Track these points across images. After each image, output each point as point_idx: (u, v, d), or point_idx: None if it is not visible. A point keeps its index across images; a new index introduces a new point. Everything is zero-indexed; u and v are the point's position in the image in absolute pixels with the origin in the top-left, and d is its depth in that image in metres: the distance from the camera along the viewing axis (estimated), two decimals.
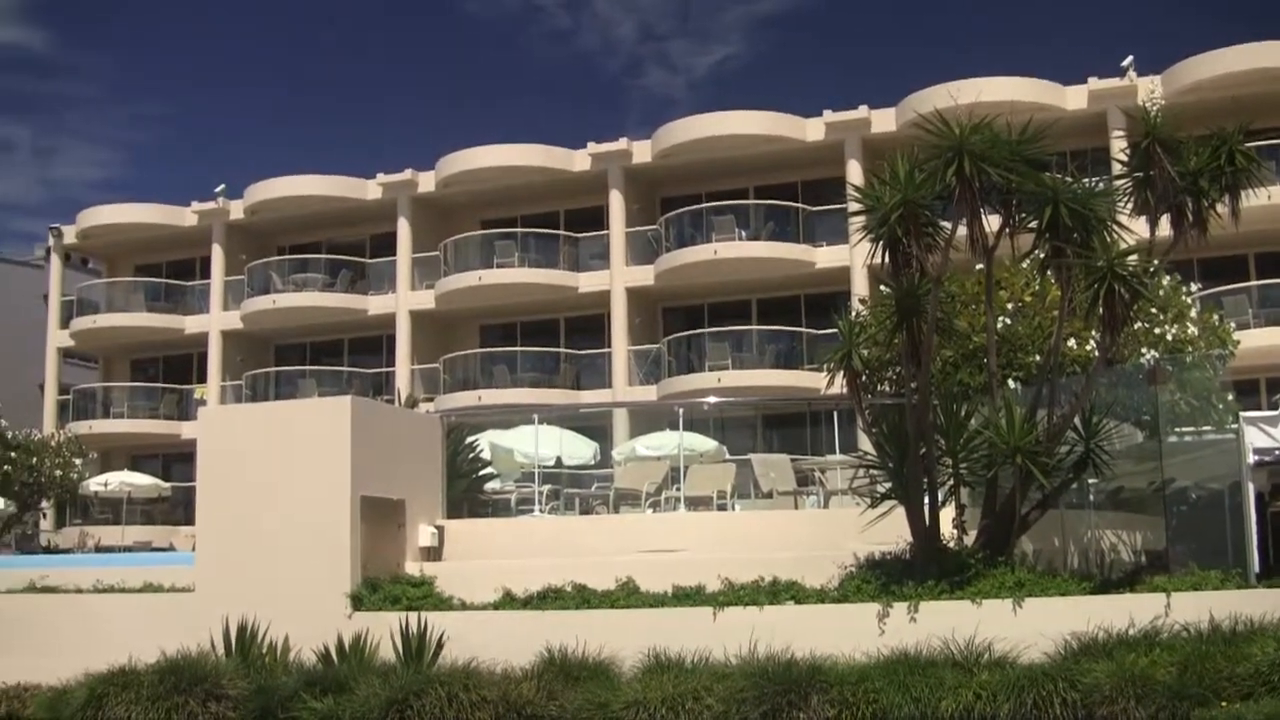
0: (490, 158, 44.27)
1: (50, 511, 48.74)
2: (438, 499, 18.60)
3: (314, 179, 47.61)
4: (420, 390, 43.49)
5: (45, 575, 20.05)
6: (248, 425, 18.60)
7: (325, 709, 13.49)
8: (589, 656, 14.38)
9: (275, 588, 16.30)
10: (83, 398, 51.63)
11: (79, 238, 53.13)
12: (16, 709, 17.12)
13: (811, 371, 38.25)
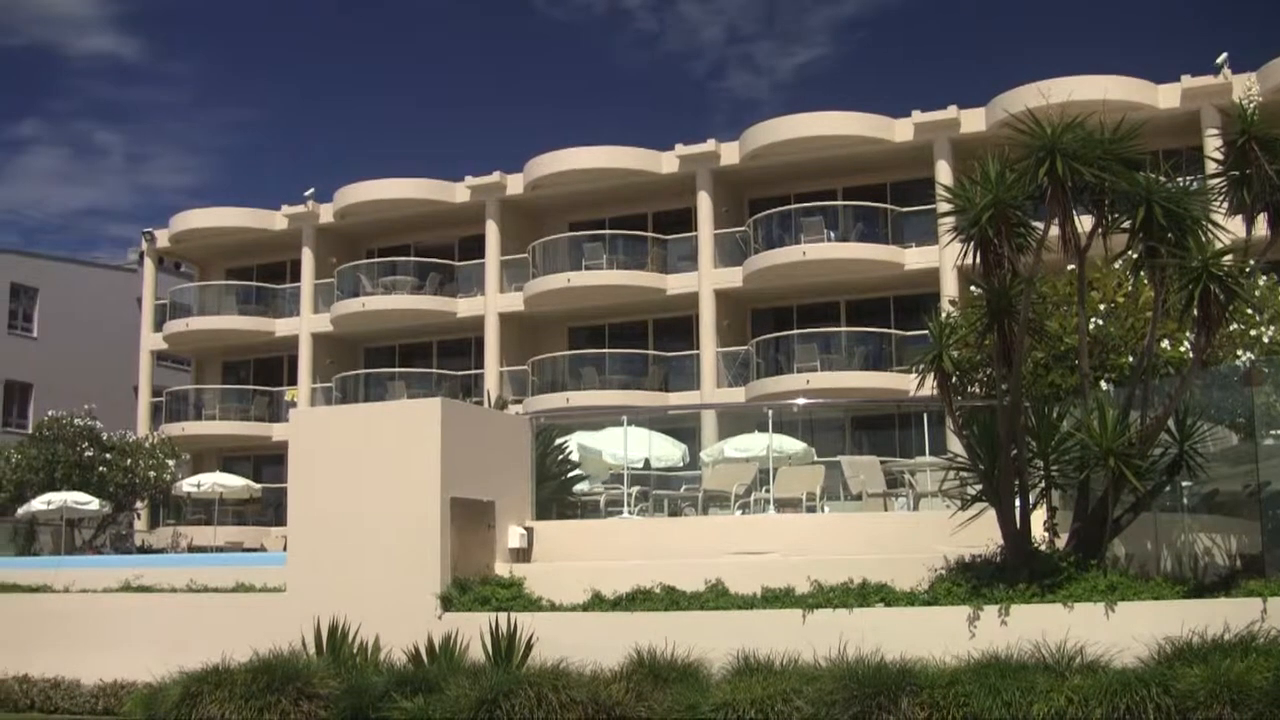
0: (578, 160, 44.37)
1: (144, 512, 49.30)
2: (527, 500, 18.64)
3: (403, 182, 47.91)
4: (509, 392, 43.65)
5: (140, 575, 20.25)
6: (338, 427, 18.71)
7: (415, 709, 13.54)
8: (678, 658, 14.36)
9: (366, 588, 16.40)
10: (175, 400, 52.24)
11: (171, 242, 53.75)
12: (113, 705, 17.36)
13: (900, 373, 38.07)
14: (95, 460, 43.27)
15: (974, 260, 14.52)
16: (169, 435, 48.27)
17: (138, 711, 15.32)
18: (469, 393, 45.07)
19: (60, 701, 18.06)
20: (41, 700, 18.23)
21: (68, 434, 43.67)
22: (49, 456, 42.83)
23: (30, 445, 44.17)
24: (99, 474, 42.99)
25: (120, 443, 44.79)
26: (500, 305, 46.23)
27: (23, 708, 18.24)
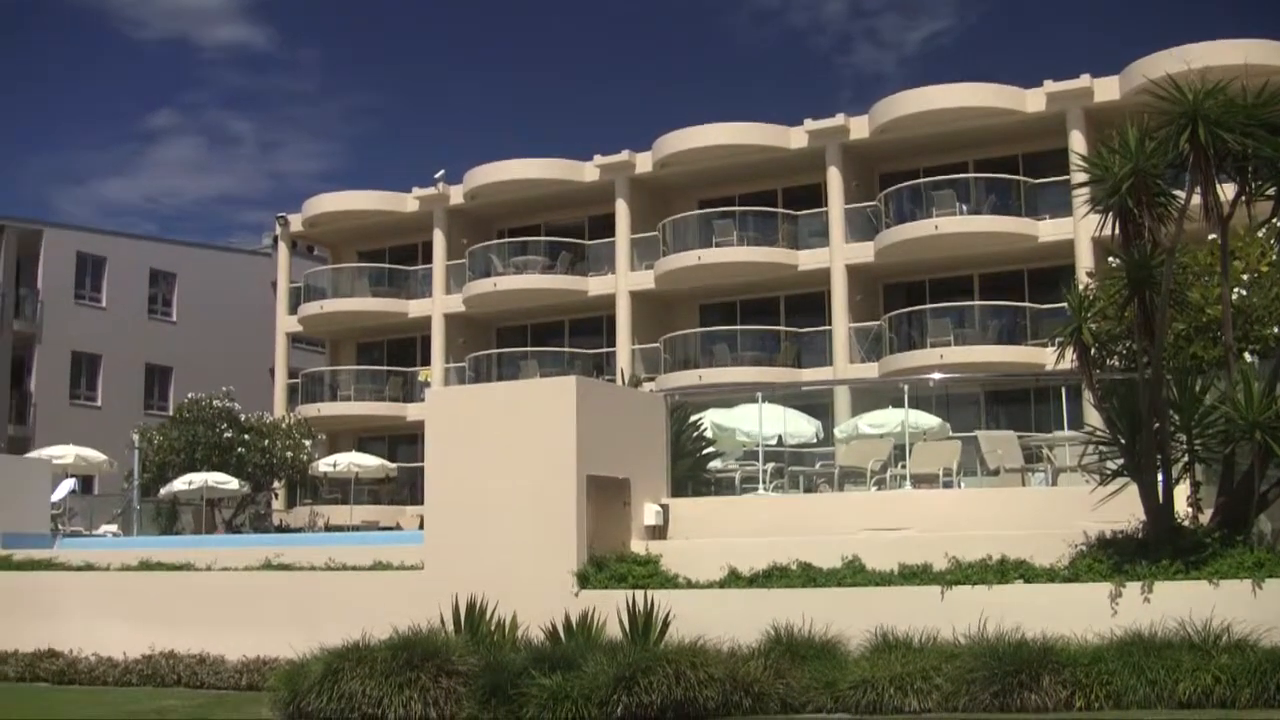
0: (707, 137, 44.25)
1: (281, 492, 50.01)
2: (662, 478, 18.63)
3: (532, 162, 48.08)
4: (641, 370, 43.69)
5: (279, 554, 20.50)
6: (474, 406, 18.81)
7: (554, 685, 13.57)
8: (815, 635, 14.31)
9: (502, 566, 16.47)
10: (311, 381, 52.86)
11: (305, 226, 54.38)
12: (256, 681, 17.58)
13: (1036, 347, 37.72)
14: (234, 441, 43.90)
15: (1113, 231, 14.31)
16: (305, 416, 48.86)
17: (281, 687, 15.47)
18: (601, 371, 45.18)
19: (206, 677, 18.33)
20: (188, 676, 18.51)
21: (207, 416, 44.34)
22: (189, 438, 43.50)
23: (171, 427, 44.89)
24: (238, 455, 43.62)
25: (258, 424, 45.42)
26: (631, 283, 46.26)
27: (170, 683, 18.53)
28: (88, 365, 58.30)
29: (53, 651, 20.02)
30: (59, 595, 21.43)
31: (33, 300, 56.44)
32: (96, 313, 58.58)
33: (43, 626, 20.58)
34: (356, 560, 19.45)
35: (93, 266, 58.95)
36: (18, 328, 55.46)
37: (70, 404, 56.80)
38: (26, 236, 56.43)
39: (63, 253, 57.55)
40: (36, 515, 27.21)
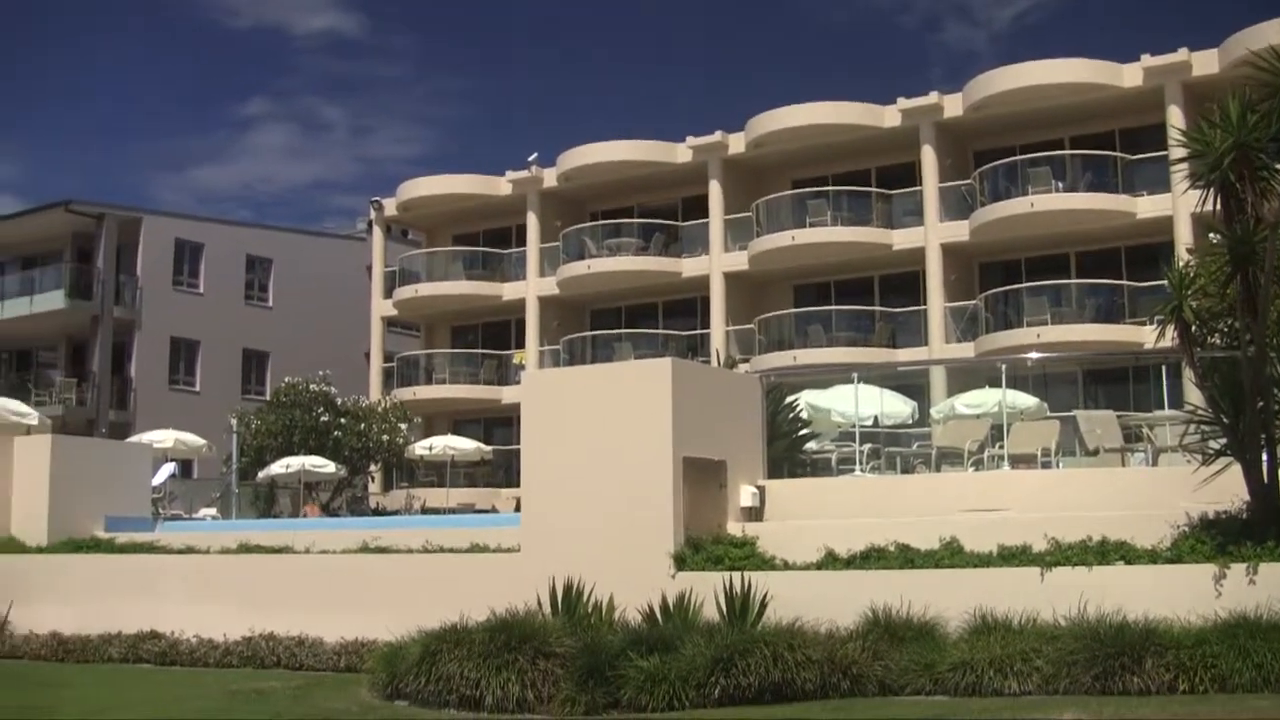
0: (800, 117, 44.09)
1: (378, 475, 50.37)
2: (758, 459, 18.57)
3: (624, 144, 48.09)
4: (735, 351, 43.61)
5: (377, 536, 20.64)
6: (569, 388, 18.83)
7: (651, 667, 13.57)
8: (913, 617, 14.21)
9: (599, 548, 16.47)
10: (406, 365, 53.22)
11: (399, 210, 54.72)
12: (355, 663, 17.71)
13: (1134, 325, 37.40)
14: (331, 425, 44.28)
15: (1214, 207, 14.09)
16: (401, 399, 49.21)
17: (380, 669, 15.58)
18: (695, 352, 45.16)
19: (305, 659, 18.47)
20: (287, 658, 18.67)
21: (304, 400, 44.74)
22: (286, 422, 43.91)
23: (268, 411, 45.34)
24: (334, 438, 43.99)
25: (354, 408, 45.78)
26: (725, 264, 46.20)
27: (269, 664, 18.70)
28: (186, 351, 58.92)
29: (155, 633, 20.26)
30: (160, 578, 21.69)
31: (132, 287, 57.09)
32: (194, 299, 59.16)
33: (145, 608, 20.84)
34: (453, 543, 19.53)
35: (190, 253, 59.53)
36: (118, 314, 56.11)
37: (169, 389, 57.42)
38: (126, 224, 57.07)
39: (161, 240, 58.15)
40: (138, 499, 27.53)
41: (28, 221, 59.07)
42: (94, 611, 21.40)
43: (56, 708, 16.24)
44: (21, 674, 19.48)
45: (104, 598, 21.73)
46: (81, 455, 27.19)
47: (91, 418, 54.63)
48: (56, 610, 22.02)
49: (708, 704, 13.25)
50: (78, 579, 22.87)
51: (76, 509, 25.48)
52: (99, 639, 20.55)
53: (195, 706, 15.77)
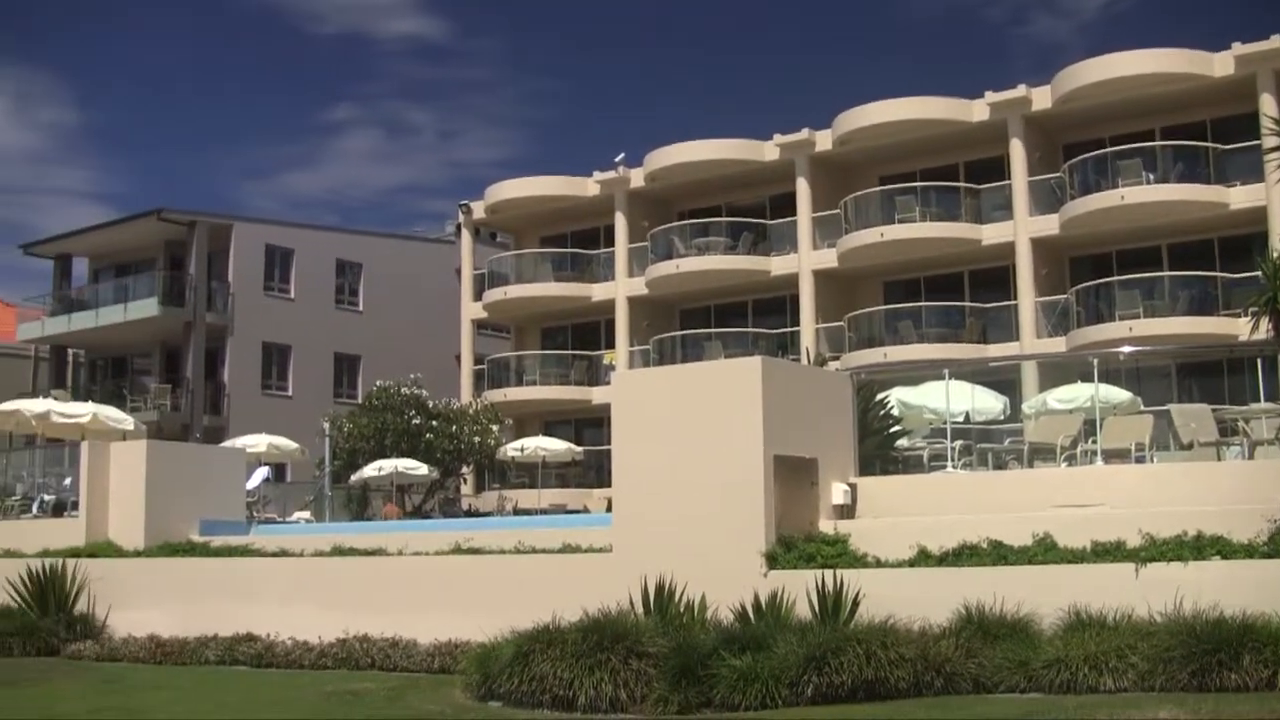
0: (887, 113, 43.93)
1: (470, 476, 50.59)
2: (850, 456, 18.50)
3: (711, 143, 48.08)
4: (825, 349, 43.49)
5: (469, 537, 20.72)
6: (659, 388, 18.82)
7: (744, 666, 13.56)
8: (1007, 614, 14.11)
9: (690, 547, 16.47)
10: (496, 367, 53.42)
11: (487, 213, 54.97)
12: (448, 664, 17.78)
13: (1228, 317, 36.93)
14: (422, 427, 44.52)
15: None
16: (492, 401, 49.45)
17: (473, 670, 15.64)
18: (785, 350, 45.07)
19: (399, 660, 18.57)
20: (381, 659, 18.77)
21: (395, 403, 45.03)
22: (379, 425, 44.21)
23: (361, 414, 45.67)
24: (426, 441, 44.22)
25: (445, 410, 46.01)
26: (813, 262, 46.08)
27: (364, 666, 18.81)
28: (278, 356, 59.41)
29: (250, 635, 20.45)
30: (255, 580, 21.90)
31: (224, 293, 57.64)
32: (285, 304, 59.65)
33: (240, 611, 21.04)
34: (545, 543, 19.59)
35: (281, 258, 60.03)
36: (210, 320, 56.67)
37: (262, 394, 57.92)
38: (217, 231, 57.62)
39: (252, 246, 58.67)
40: (232, 503, 27.82)
41: (122, 230, 59.85)
42: (190, 614, 21.63)
43: (155, 710, 16.43)
44: (120, 676, 19.70)
45: (200, 600, 21.97)
46: (176, 460, 27.51)
47: (186, 423, 55.21)
48: (153, 613, 22.29)
49: (801, 703, 13.23)
50: (174, 582, 23.14)
51: (172, 513, 25.77)
52: (196, 641, 20.76)
53: (291, 709, 15.89)
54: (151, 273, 58.56)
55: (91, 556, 24.74)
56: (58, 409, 33.40)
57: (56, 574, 23.76)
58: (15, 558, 25.63)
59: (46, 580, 23.72)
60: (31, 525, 28.50)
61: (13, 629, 22.87)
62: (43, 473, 32.25)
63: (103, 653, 21.87)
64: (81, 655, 22.07)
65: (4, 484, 33.17)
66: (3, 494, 32.60)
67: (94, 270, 63.82)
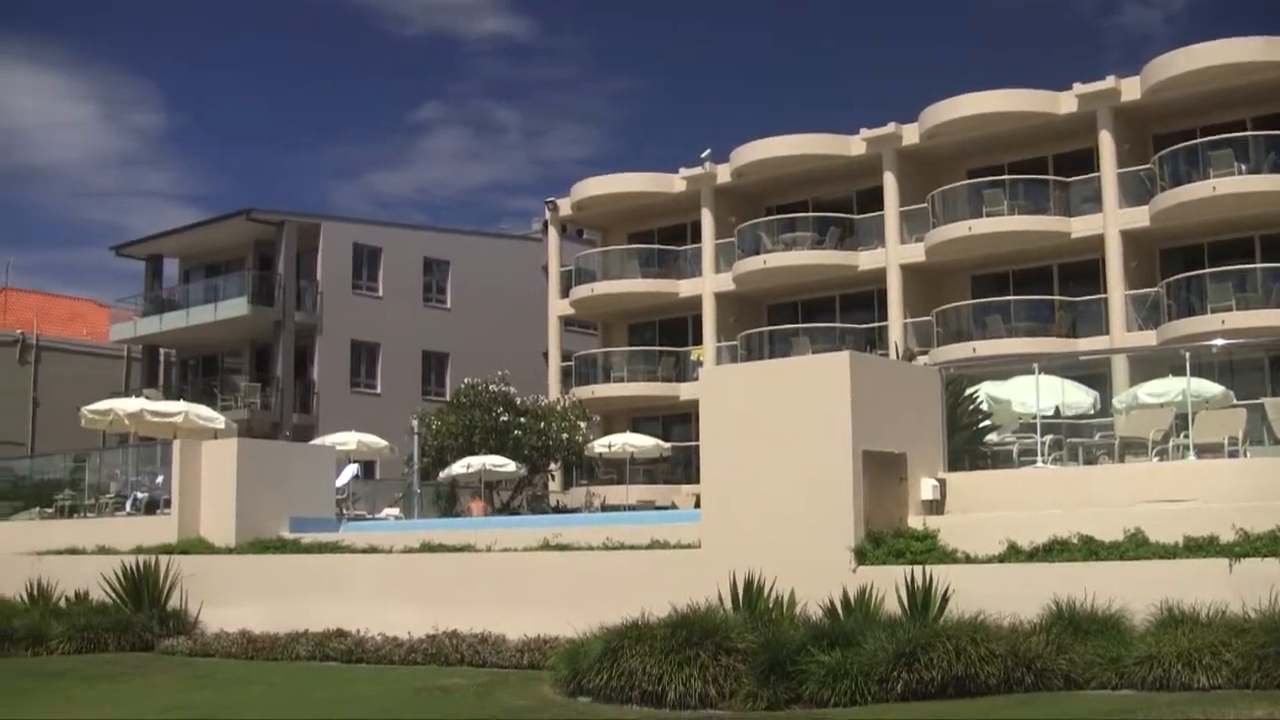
0: (973, 105, 43.63)
1: (558, 473, 50.70)
2: (938, 451, 18.41)
3: (797, 138, 47.96)
4: (913, 343, 43.29)
5: (558, 534, 20.79)
6: (747, 384, 18.80)
7: (833, 662, 13.54)
8: (1098, 610, 14.00)
9: (778, 543, 16.45)
10: (584, 363, 53.50)
11: (574, 209, 55.04)
12: (537, 660, 17.84)
13: None
14: (510, 424, 44.64)
15: None
16: (579, 398, 49.49)
17: (562, 666, 15.68)
18: (873, 345, 44.86)
19: (488, 656, 18.64)
20: (470, 654, 18.86)
21: (483, 400, 45.18)
22: (467, 422, 44.37)
23: (449, 412, 45.86)
24: (514, 438, 44.34)
25: (533, 407, 46.12)
26: (901, 256, 45.86)
27: (453, 661, 18.90)
28: (367, 354, 59.76)
29: (341, 631, 20.60)
30: (345, 577, 22.06)
31: (312, 292, 58.05)
32: (374, 302, 59.99)
33: (330, 607, 21.20)
34: (633, 539, 19.62)
35: (369, 257, 60.37)
36: (299, 319, 57.08)
37: (351, 391, 58.28)
38: (305, 231, 58.03)
39: (340, 245, 59.05)
40: (322, 500, 28.04)
41: (211, 231, 60.42)
42: (281, 610, 21.83)
43: (248, 705, 16.59)
44: (213, 671, 19.91)
45: (291, 597, 22.16)
46: (267, 458, 27.75)
47: (276, 421, 55.65)
48: (245, 609, 22.51)
49: (890, 699, 13.20)
50: (265, 578, 23.35)
51: (263, 510, 26.01)
52: (287, 637, 20.94)
53: (382, 704, 16.01)
54: (241, 272, 59.09)
55: (184, 553, 25.04)
56: (150, 408, 33.76)
57: (150, 570, 24.06)
58: (110, 554, 25.97)
59: (140, 577, 24.02)
60: (125, 522, 28.88)
61: (108, 624, 23.21)
62: (136, 471, 32.64)
63: (195, 648, 22.11)
64: (175, 650, 22.33)
65: (98, 482, 33.58)
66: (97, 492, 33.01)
67: (184, 270, 64.44)
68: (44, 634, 23.24)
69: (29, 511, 35.05)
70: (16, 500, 36.43)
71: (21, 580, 25.87)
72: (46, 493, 35.02)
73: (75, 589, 25.05)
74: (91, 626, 23.19)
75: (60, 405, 58.57)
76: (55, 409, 61.32)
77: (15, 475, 38.71)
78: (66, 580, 25.44)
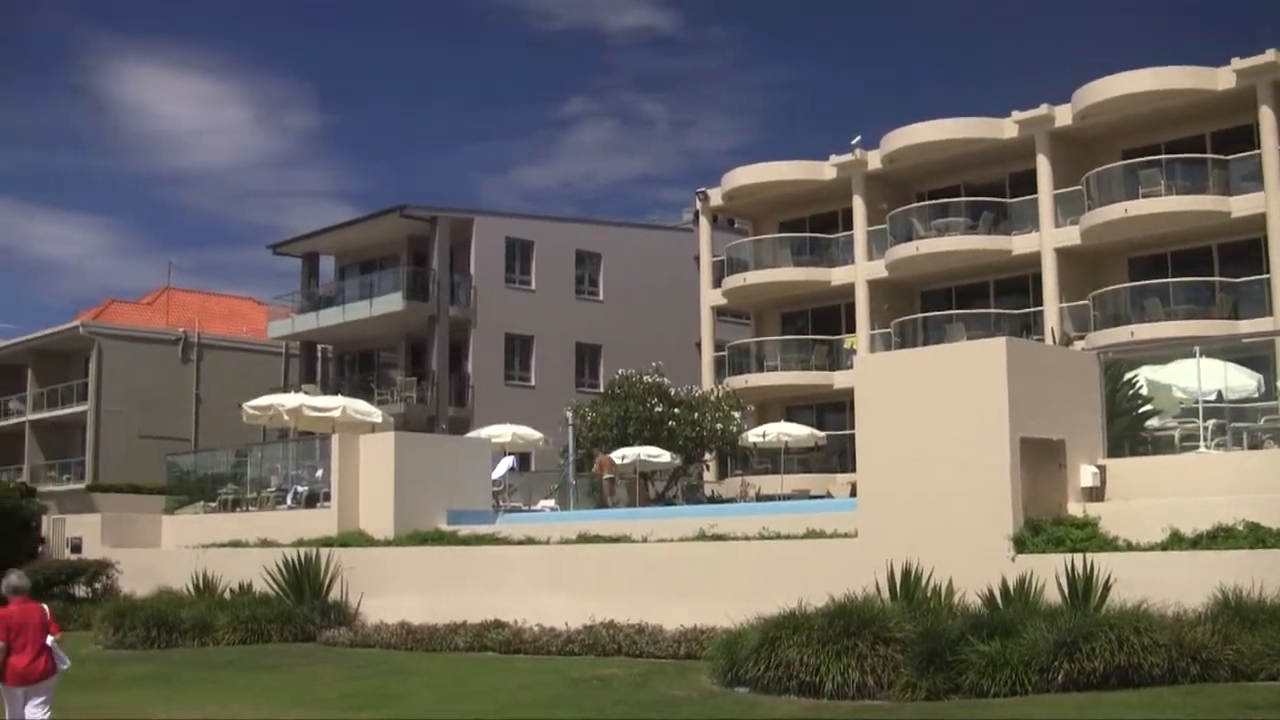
0: (1127, 85, 42.80)
1: (712, 463, 50.64)
2: (1098, 438, 18.15)
3: (948, 123, 47.42)
4: (1069, 328, 42.65)
5: (713, 524, 20.79)
6: (902, 372, 18.67)
7: (993, 652, 13.41)
8: (1266, 599, 13.72)
9: (936, 532, 16.32)
10: (737, 353, 53.36)
11: (724, 199, 54.87)
12: (694, 650, 17.87)
13: None
14: (664, 415, 44.67)
15: None
16: (733, 388, 49.41)
17: (719, 656, 15.68)
18: (1028, 331, 44.27)
19: (645, 646, 18.70)
20: (627, 645, 18.92)
21: (637, 391, 45.26)
22: (621, 413, 44.50)
23: (603, 403, 46.02)
24: (668, 428, 44.38)
25: (687, 397, 46.11)
26: (1056, 240, 45.17)
27: (610, 652, 18.98)
28: (520, 346, 60.09)
29: (498, 622, 20.77)
30: (502, 568, 22.23)
31: (466, 286, 58.47)
32: (527, 295, 60.30)
33: (488, 598, 21.38)
34: (789, 529, 19.57)
35: (521, 251, 60.69)
36: (453, 314, 57.52)
37: (505, 384, 58.63)
38: (458, 226, 58.48)
39: (492, 239, 59.42)
40: (479, 492, 28.30)
41: (365, 228, 61.07)
42: (439, 601, 22.05)
43: (409, 694, 16.76)
44: (374, 662, 20.17)
45: (449, 588, 22.36)
46: (424, 451, 28.07)
47: (432, 414, 56.16)
48: (404, 600, 22.77)
49: (1051, 689, 13.05)
50: (423, 570, 23.59)
51: (420, 503, 26.31)
52: (445, 628, 21.16)
53: (540, 694, 16.10)
54: (395, 268, 59.68)
55: (344, 546, 25.40)
56: (309, 403, 34.26)
57: (311, 563, 24.44)
58: (272, 547, 26.41)
59: (301, 569, 24.41)
60: (286, 516, 29.35)
61: (271, 616, 23.63)
62: (296, 465, 33.16)
63: (356, 639, 22.42)
64: (336, 641, 22.66)
65: (260, 476, 34.15)
66: (259, 486, 33.57)
67: (340, 267, 65.26)
68: (210, 625, 23.76)
69: (194, 505, 35.77)
70: (182, 495, 37.21)
71: (188, 572, 26.41)
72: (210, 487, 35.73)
73: (239, 581, 25.53)
74: (255, 618, 23.64)
75: (221, 402, 59.79)
76: (217, 405, 62.61)
77: (180, 470, 39.53)
78: (230, 572, 25.93)
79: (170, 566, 28.34)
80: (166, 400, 65.42)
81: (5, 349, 69.94)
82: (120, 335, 67.05)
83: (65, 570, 31.07)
